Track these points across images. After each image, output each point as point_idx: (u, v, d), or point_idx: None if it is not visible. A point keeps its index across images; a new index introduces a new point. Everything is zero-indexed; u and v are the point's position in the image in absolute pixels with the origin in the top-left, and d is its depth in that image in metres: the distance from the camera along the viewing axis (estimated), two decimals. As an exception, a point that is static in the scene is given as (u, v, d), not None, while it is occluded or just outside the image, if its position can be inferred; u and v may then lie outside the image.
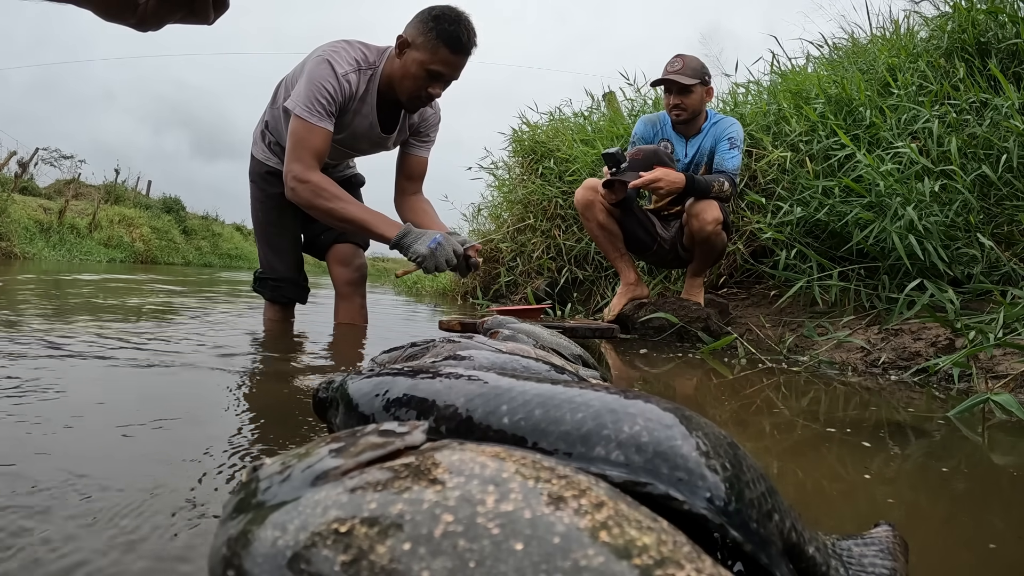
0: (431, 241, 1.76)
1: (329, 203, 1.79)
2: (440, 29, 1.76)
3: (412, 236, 1.80)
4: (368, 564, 0.25)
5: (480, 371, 0.50)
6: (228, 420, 0.91)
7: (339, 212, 1.80)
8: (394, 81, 1.88)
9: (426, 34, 1.78)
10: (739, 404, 1.34)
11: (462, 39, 1.77)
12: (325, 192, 1.79)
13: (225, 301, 3.58)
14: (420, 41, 1.79)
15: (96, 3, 0.53)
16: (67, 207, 13.70)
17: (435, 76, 1.82)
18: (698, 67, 2.50)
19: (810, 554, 0.38)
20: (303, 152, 1.80)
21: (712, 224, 2.37)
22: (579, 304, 3.79)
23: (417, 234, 1.80)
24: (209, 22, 0.59)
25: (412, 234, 1.80)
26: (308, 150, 1.80)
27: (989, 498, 0.80)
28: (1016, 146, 2.28)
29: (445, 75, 1.82)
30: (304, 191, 1.79)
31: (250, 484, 0.36)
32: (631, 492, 0.34)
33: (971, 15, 2.95)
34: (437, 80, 1.83)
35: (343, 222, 1.83)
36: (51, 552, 0.47)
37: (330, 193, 1.79)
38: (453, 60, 1.80)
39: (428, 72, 1.81)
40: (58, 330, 1.68)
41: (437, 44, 1.77)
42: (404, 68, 1.83)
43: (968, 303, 2.03)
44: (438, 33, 1.76)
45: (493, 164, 5.49)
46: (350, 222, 1.82)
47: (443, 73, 1.81)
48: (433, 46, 1.77)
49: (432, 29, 1.77)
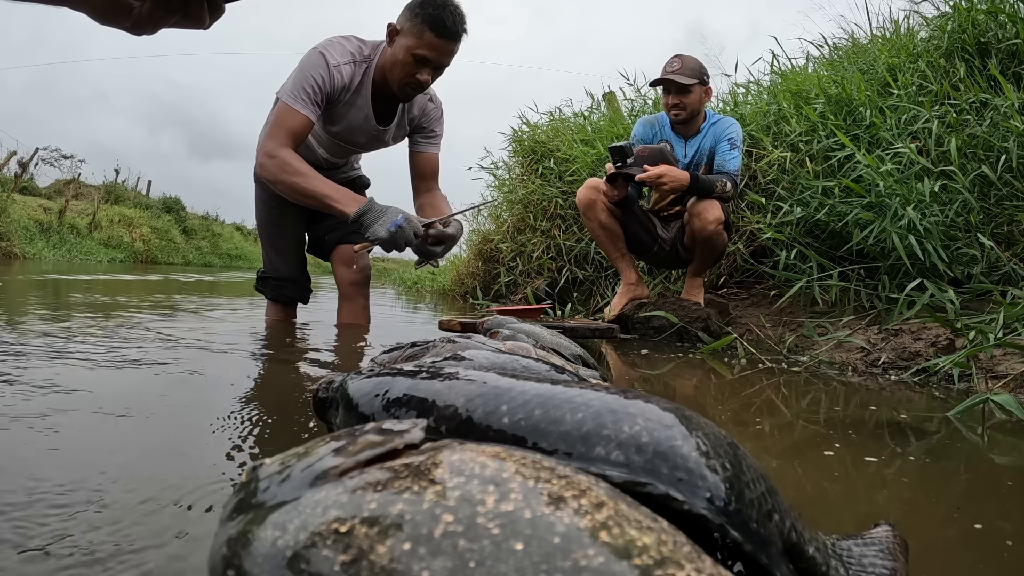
0: (391, 224, 1.69)
1: (293, 177, 1.77)
2: (425, 14, 1.76)
3: (372, 215, 1.72)
4: (368, 564, 0.25)
5: (480, 371, 0.50)
6: (228, 419, 0.91)
7: (302, 186, 1.77)
8: (386, 70, 1.88)
9: (412, 19, 1.79)
10: (739, 404, 1.34)
11: (447, 22, 1.76)
12: (290, 167, 1.77)
13: (227, 301, 3.58)
14: (407, 27, 1.80)
15: (90, 6, 0.53)
16: (67, 207, 13.71)
17: (421, 61, 1.81)
18: (697, 67, 2.50)
19: (810, 554, 0.38)
20: (278, 131, 1.80)
21: (714, 223, 2.38)
22: (579, 304, 3.79)
23: (377, 212, 1.72)
24: (205, 26, 0.58)
25: (372, 212, 1.72)
26: (284, 130, 1.80)
27: (989, 498, 0.80)
28: (1016, 146, 2.28)
29: (431, 60, 1.81)
30: (271, 164, 1.78)
31: (250, 484, 0.36)
32: (631, 492, 0.34)
33: (971, 15, 2.95)
34: (424, 65, 1.82)
35: (305, 197, 1.78)
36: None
37: (295, 168, 1.77)
38: (439, 44, 1.79)
39: (415, 57, 1.80)
40: (58, 330, 1.68)
41: (422, 28, 1.77)
42: (393, 55, 1.84)
43: (968, 303, 2.02)
44: (423, 17, 1.76)
45: (493, 164, 5.50)
46: (312, 196, 1.77)
47: (429, 57, 1.80)
48: (418, 31, 1.78)
49: (418, 15, 1.77)
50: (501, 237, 4.71)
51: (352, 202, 1.75)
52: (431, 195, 2.13)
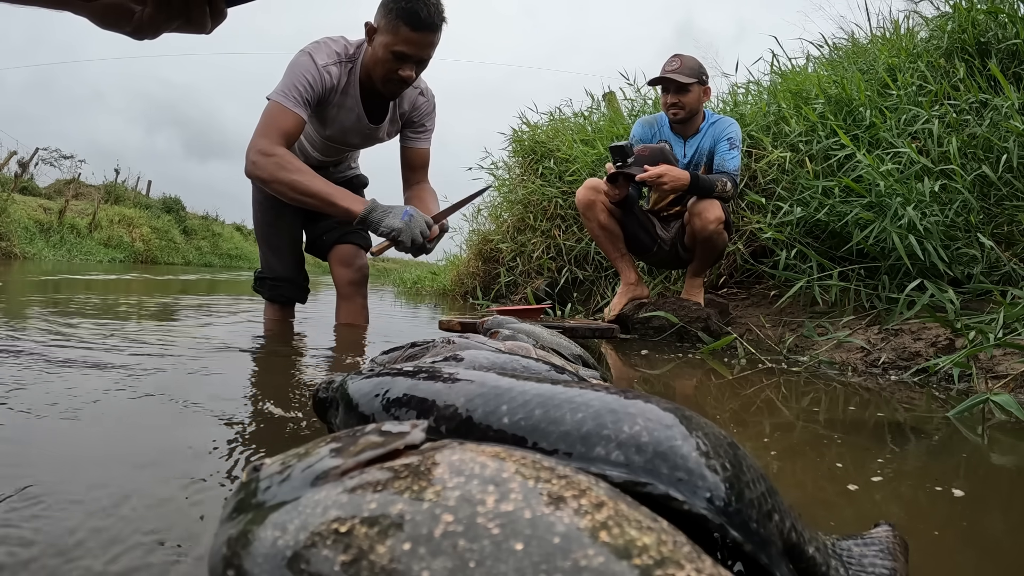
0: (403, 214, 1.69)
1: (292, 175, 1.71)
2: (399, 8, 1.72)
3: (381, 211, 1.72)
4: (368, 564, 0.25)
5: (480, 371, 0.50)
6: (227, 419, 0.91)
7: (302, 185, 1.71)
8: (369, 69, 1.86)
9: (387, 16, 1.75)
10: (739, 404, 1.34)
11: (420, 14, 1.71)
12: (289, 165, 1.72)
13: (227, 301, 3.58)
14: (383, 24, 1.77)
15: (91, 11, 0.52)
16: (67, 207, 13.71)
17: (401, 57, 1.77)
18: (695, 67, 2.50)
19: (810, 554, 0.38)
20: (271, 129, 1.76)
21: (714, 223, 2.38)
22: (579, 304, 3.79)
23: (385, 209, 1.73)
24: (207, 31, 0.58)
25: (380, 209, 1.73)
26: (277, 129, 1.76)
27: (989, 498, 0.80)
28: (1016, 146, 2.28)
29: (411, 55, 1.77)
30: (267, 163, 1.72)
31: (250, 484, 0.36)
32: (631, 492, 0.34)
33: (971, 15, 2.95)
34: (404, 61, 1.78)
35: (305, 196, 1.73)
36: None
37: (294, 167, 1.73)
38: (415, 38, 1.74)
39: (394, 54, 1.76)
40: (57, 331, 1.68)
41: (397, 23, 1.73)
42: (374, 54, 1.81)
43: (968, 303, 2.02)
44: (397, 12, 1.72)
45: (493, 164, 5.50)
46: (314, 196, 1.72)
47: (408, 53, 1.76)
48: (394, 26, 1.74)
49: (392, 10, 1.73)
50: (501, 237, 4.71)
51: (356, 201, 1.74)
52: (420, 187, 2.13)
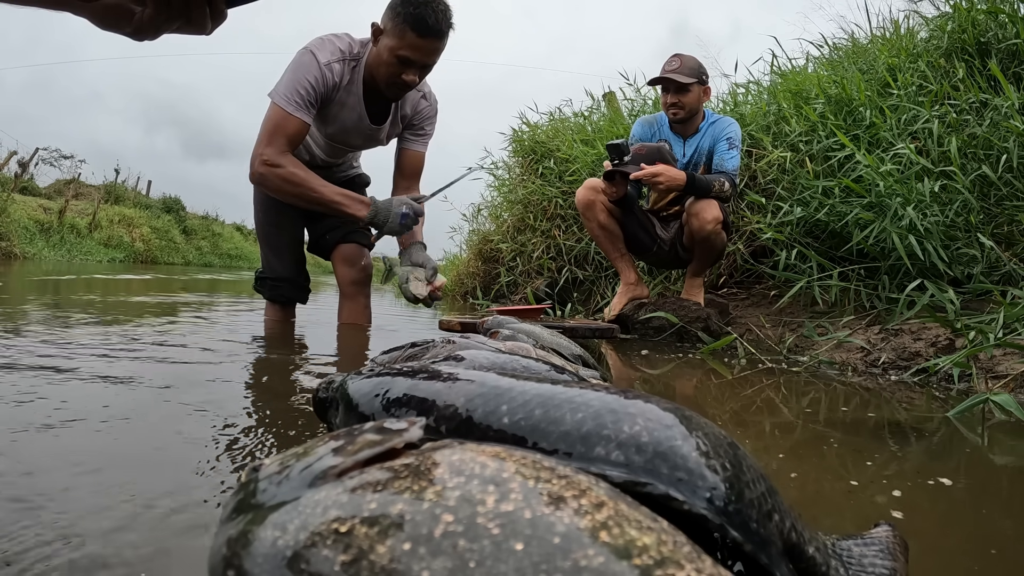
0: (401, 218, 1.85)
1: (299, 187, 1.79)
2: (407, 12, 1.71)
3: (381, 215, 1.85)
4: (368, 564, 0.25)
5: (480, 371, 0.50)
6: (227, 419, 0.91)
7: (309, 195, 1.78)
8: (372, 70, 1.86)
9: (394, 19, 1.74)
10: (739, 404, 1.34)
11: (428, 21, 1.70)
12: (295, 176, 1.79)
13: (227, 301, 3.58)
14: (390, 27, 1.76)
15: (91, 11, 0.52)
16: (67, 207, 13.71)
17: (405, 62, 1.77)
18: (695, 66, 2.50)
19: (810, 554, 0.38)
20: (276, 137, 1.78)
21: (712, 223, 2.37)
22: (579, 304, 3.79)
23: (384, 212, 1.85)
24: (207, 32, 0.58)
25: (380, 212, 1.85)
26: (282, 136, 1.78)
27: (989, 498, 0.80)
28: (1016, 146, 2.28)
29: (415, 60, 1.77)
30: (274, 175, 1.78)
31: (249, 484, 0.36)
32: (631, 492, 0.34)
33: (971, 15, 2.95)
34: (409, 66, 1.78)
35: (312, 204, 1.81)
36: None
37: (300, 177, 1.79)
38: (422, 44, 1.74)
39: (398, 58, 1.76)
40: (57, 333, 1.68)
41: (404, 28, 1.72)
42: (378, 55, 1.81)
43: (968, 303, 2.02)
44: (404, 17, 1.71)
45: (493, 164, 5.50)
46: (321, 204, 1.81)
47: (412, 58, 1.76)
48: (400, 31, 1.73)
49: (400, 14, 1.72)
50: (501, 237, 4.71)
51: (360, 205, 1.84)
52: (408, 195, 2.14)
